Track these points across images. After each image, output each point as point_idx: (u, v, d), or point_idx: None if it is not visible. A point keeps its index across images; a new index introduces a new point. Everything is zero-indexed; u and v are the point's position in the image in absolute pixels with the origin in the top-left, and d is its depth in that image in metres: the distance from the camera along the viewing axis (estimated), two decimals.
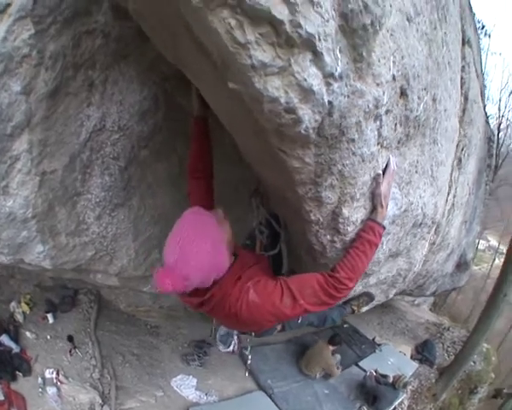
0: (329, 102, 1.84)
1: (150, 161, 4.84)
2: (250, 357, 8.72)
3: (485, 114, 9.10)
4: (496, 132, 22.82)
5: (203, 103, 3.13)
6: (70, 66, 3.57)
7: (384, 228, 2.68)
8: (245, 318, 2.43)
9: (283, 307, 2.35)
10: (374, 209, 2.69)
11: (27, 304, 7.28)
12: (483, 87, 8.56)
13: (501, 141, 26.49)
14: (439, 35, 3.03)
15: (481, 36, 21.45)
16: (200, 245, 2.10)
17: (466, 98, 4.81)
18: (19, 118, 3.53)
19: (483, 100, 7.69)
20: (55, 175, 4.11)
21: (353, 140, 2.16)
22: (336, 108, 1.90)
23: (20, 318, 7.04)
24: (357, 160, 2.29)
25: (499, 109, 27.19)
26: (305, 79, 1.68)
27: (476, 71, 5.77)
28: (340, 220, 2.59)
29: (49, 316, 7.35)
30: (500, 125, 26.99)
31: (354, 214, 2.62)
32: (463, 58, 4.55)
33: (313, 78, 1.70)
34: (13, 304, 7.12)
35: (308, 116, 1.82)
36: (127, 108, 4.16)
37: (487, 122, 9.07)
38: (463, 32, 4.51)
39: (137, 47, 3.76)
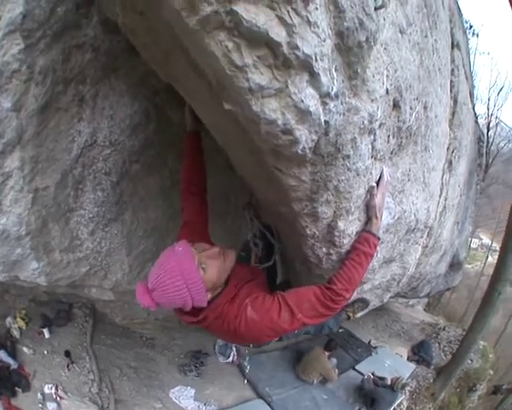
0: (326, 122, 1.84)
1: (142, 175, 4.85)
2: (248, 367, 8.80)
3: (475, 114, 9.13)
4: (485, 131, 22.99)
5: (196, 118, 3.13)
6: (60, 81, 3.57)
7: (379, 239, 2.69)
8: (244, 334, 2.43)
9: (282, 322, 2.36)
10: (368, 220, 2.70)
11: (23, 319, 7.23)
12: (472, 88, 8.58)
13: (490, 140, 26.60)
14: (429, 42, 3.05)
15: (469, 36, 21.54)
16: (176, 286, 2.17)
17: (455, 101, 4.81)
18: (10, 135, 3.50)
19: (472, 101, 7.70)
20: (48, 192, 4.10)
21: (348, 156, 2.16)
22: (332, 127, 1.91)
23: (16, 333, 7.00)
24: (352, 175, 2.29)
25: (488, 108, 27.34)
26: (302, 101, 1.67)
27: (465, 73, 5.78)
28: (336, 234, 2.60)
29: (45, 331, 7.30)
30: (489, 123, 27.12)
31: (349, 227, 2.63)
32: (452, 61, 4.56)
33: (310, 98, 1.70)
34: (8, 319, 7.08)
35: (305, 136, 1.82)
36: (118, 122, 4.16)
37: (477, 122, 9.10)
38: (452, 35, 4.52)
39: (127, 61, 3.77)
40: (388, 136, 2.58)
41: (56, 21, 3.25)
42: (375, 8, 1.84)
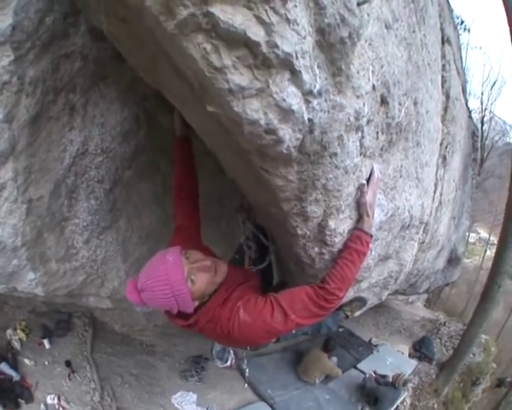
0: (310, 120, 1.84)
1: (134, 181, 4.86)
2: (247, 370, 8.76)
3: (468, 109, 9.15)
4: (479, 126, 23.08)
5: (185, 123, 3.14)
6: (50, 90, 3.55)
7: (371, 236, 2.69)
8: (237, 337, 2.45)
9: (274, 323, 2.37)
10: (360, 218, 2.69)
11: (23, 331, 7.21)
12: (464, 83, 8.60)
13: (485, 134, 26.74)
14: (418, 38, 3.06)
15: (461, 31, 21.66)
16: (163, 294, 2.22)
17: (447, 96, 4.82)
18: (2, 146, 3.48)
19: (465, 96, 7.72)
20: (42, 202, 4.09)
21: (336, 154, 2.16)
22: (317, 125, 1.90)
23: (17, 345, 6.98)
24: (341, 172, 2.29)
25: (482, 103, 27.48)
26: (284, 99, 1.68)
27: (457, 68, 5.80)
28: (327, 233, 2.59)
29: (46, 342, 7.29)
30: (483, 118, 27.26)
31: (341, 226, 2.62)
32: (443, 57, 4.58)
33: (292, 97, 1.70)
34: (9, 331, 7.06)
35: (289, 135, 1.82)
36: (109, 129, 4.17)
37: (470, 117, 9.11)
38: (442, 30, 4.53)
39: (115, 68, 3.77)
40: (377, 132, 2.57)
41: (45, 32, 3.23)
42: (358, 4, 1.83)
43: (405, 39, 2.71)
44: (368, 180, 2.62)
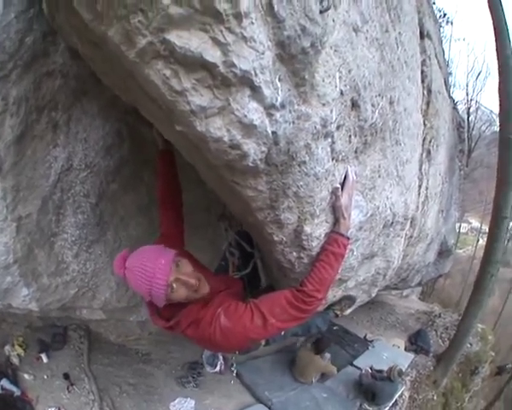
0: (273, 132, 1.89)
1: (120, 194, 4.91)
2: (235, 371, 8.87)
3: (453, 101, 9.17)
4: (465, 117, 23.14)
5: (165, 138, 3.19)
6: (33, 109, 3.61)
7: (348, 238, 2.72)
8: (219, 342, 2.49)
9: (254, 327, 2.42)
10: (336, 221, 2.72)
11: (21, 346, 7.24)
12: (447, 76, 8.61)
13: (471, 124, 26.77)
14: (392, 37, 3.07)
15: (443, 24, 21.67)
16: (142, 283, 2.30)
17: (429, 91, 4.85)
18: None
19: (448, 88, 7.73)
20: (31, 219, 4.15)
21: (304, 162, 2.19)
22: (281, 137, 1.95)
23: (16, 360, 7.00)
24: (311, 179, 2.32)
25: (467, 94, 27.52)
26: (246, 115, 1.72)
27: (438, 62, 5.82)
28: (304, 237, 2.62)
29: (43, 356, 7.30)
30: (469, 108, 27.30)
31: (317, 230, 2.65)
32: (423, 52, 4.60)
33: (253, 112, 1.75)
34: (7, 348, 7.08)
35: (253, 149, 1.87)
36: (92, 145, 4.22)
37: (455, 109, 9.13)
38: (421, 25, 4.55)
39: (95, 84, 3.79)
40: (349, 136, 2.59)
41: (26, 51, 3.29)
42: (321, 11, 1.83)
43: (377, 40, 2.73)
44: (343, 183, 2.66)
